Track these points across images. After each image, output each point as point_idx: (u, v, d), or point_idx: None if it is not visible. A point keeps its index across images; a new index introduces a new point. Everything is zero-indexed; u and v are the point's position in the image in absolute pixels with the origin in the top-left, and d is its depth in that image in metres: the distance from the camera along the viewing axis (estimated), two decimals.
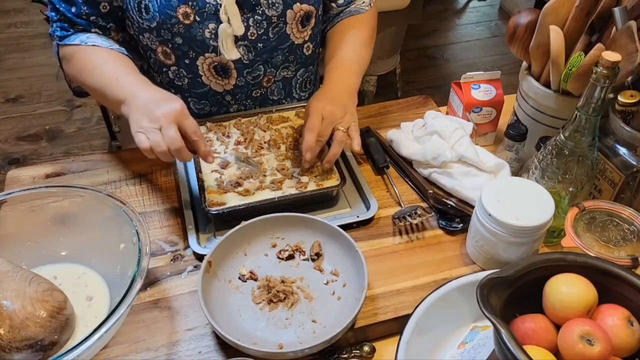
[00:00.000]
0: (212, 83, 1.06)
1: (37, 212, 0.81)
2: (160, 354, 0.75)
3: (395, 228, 0.91)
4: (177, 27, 0.95)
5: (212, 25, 0.96)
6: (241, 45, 1.01)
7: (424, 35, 3.35)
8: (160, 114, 0.80)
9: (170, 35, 0.97)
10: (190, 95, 1.08)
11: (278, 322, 0.77)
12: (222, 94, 1.08)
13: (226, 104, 1.10)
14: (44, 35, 3.18)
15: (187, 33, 0.96)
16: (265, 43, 1.03)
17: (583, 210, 0.81)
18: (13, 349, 0.66)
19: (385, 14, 2.15)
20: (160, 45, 1.00)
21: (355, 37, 1.08)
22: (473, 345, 0.72)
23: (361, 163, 1.04)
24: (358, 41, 1.08)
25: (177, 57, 1.01)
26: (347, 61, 1.04)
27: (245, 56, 1.03)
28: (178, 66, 1.03)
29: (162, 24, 0.94)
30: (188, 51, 1.00)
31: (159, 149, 0.79)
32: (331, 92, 0.98)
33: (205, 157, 0.85)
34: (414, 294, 0.81)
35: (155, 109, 0.81)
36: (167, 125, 0.80)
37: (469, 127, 1.01)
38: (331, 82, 1.00)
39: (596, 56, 0.79)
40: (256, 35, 1.00)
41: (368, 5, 1.13)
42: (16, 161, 2.44)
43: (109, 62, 0.93)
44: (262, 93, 1.11)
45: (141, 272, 0.70)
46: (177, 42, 0.98)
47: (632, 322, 0.61)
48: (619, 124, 0.83)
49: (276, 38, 1.03)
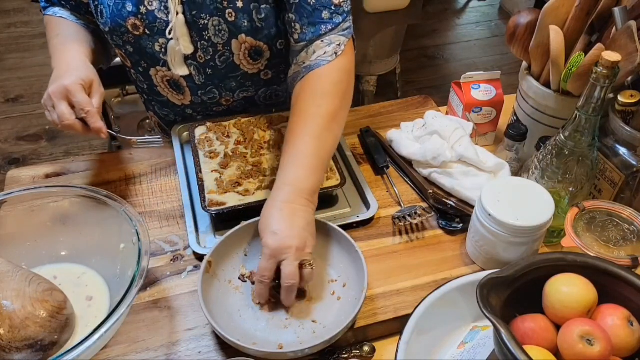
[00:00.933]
0: (169, 95, 1.06)
1: (37, 212, 0.81)
2: (160, 354, 0.75)
3: (395, 228, 0.91)
4: (126, 36, 0.95)
5: (162, 40, 0.95)
6: (192, 64, 0.99)
7: (424, 35, 3.35)
8: (51, 91, 0.83)
9: (121, 42, 0.97)
10: (154, 101, 1.09)
11: (278, 322, 0.77)
12: (182, 107, 1.08)
13: (188, 115, 1.10)
14: (44, 35, 3.17)
15: (138, 44, 0.96)
16: (214, 69, 1.00)
17: (583, 210, 0.81)
18: (13, 349, 0.66)
19: (385, 14, 2.15)
20: (117, 48, 1.00)
21: (318, 118, 0.84)
22: (473, 345, 0.72)
23: (361, 163, 1.04)
24: (321, 122, 0.84)
25: (132, 62, 1.02)
26: (305, 158, 0.81)
27: (197, 77, 1.01)
28: (135, 71, 1.04)
29: (114, 31, 0.95)
30: (140, 60, 1.00)
31: (56, 125, 0.84)
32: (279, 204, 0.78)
33: (98, 133, 0.84)
34: (414, 294, 0.81)
35: (50, 86, 0.84)
36: (57, 102, 0.82)
37: (469, 127, 1.01)
38: (286, 187, 0.79)
39: (596, 56, 0.79)
40: (204, 59, 0.98)
41: (332, 55, 0.88)
42: (16, 161, 2.44)
43: (62, 32, 0.97)
44: (224, 109, 1.09)
45: (141, 272, 0.70)
46: (129, 50, 0.98)
47: (632, 322, 0.61)
48: (619, 124, 0.83)
49: (225, 66, 1.00)
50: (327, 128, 0.84)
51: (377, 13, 2.10)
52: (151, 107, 1.14)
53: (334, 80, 0.88)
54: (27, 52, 3.10)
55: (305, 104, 0.86)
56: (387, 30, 2.27)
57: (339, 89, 0.88)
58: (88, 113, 0.82)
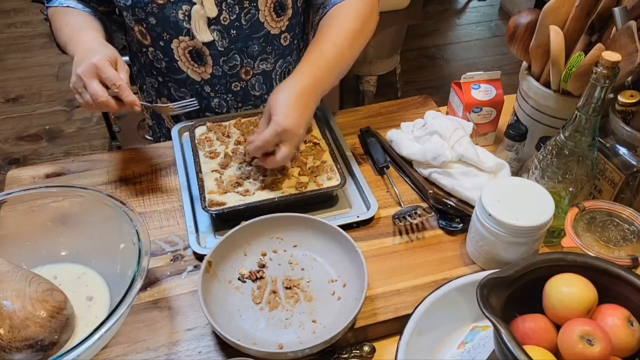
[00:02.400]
0: (189, 70, 1.06)
1: (37, 212, 0.81)
2: (160, 354, 0.75)
3: (395, 228, 0.91)
4: (150, 6, 0.96)
5: (186, 6, 0.97)
6: (215, 30, 1.01)
7: (424, 35, 3.35)
8: (80, 72, 0.84)
9: (144, 15, 0.98)
10: (170, 81, 1.09)
11: (278, 322, 0.77)
12: (201, 84, 1.08)
13: (206, 95, 1.10)
14: (44, 35, 3.18)
15: (161, 13, 0.98)
16: (238, 30, 1.02)
17: (583, 210, 0.81)
18: (13, 349, 0.66)
19: (385, 14, 2.15)
20: (136, 25, 1.01)
21: (340, 30, 0.97)
22: (473, 345, 0.72)
23: (361, 163, 1.04)
24: (342, 34, 0.96)
25: (152, 37, 1.02)
26: (323, 57, 0.93)
27: (219, 42, 1.03)
28: (154, 47, 1.04)
29: (137, 3, 0.96)
30: (162, 32, 1.01)
31: (89, 106, 0.85)
32: (296, 90, 0.88)
33: (132, 106, 0.85)
34: (414, 294, 0.81)
35: (77, 67, 0.85)
36: (88, 81, 0.83)
37: (469, 127, 1.01)
38: (300, 75, 0.90)
39: (596, 56, 0.79)
40: (229, 20, 1.00)
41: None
42: (16, 161, 2.44)
43: (72, 20, 0.98)
44: (242, 87, 1.11)
45: (141, 272, 0.70)
46: (151, 23, 0.99)
47: (632, 322, 0.61)
48: (619, 124, 0.83)
49: (249, 25, 1.03)
50: (347, 43, 0.95)
51: None
52: (165, 92, 1.13)
53: (357, 6, 1.00)
54: (27, 52, 3.10)
55: (327, 25, 0.99)
56: (387, 30, 2.27)
57: (361, 13, 0.99)
58: (120, 87, 0.84)
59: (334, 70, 0.94)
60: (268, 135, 0.85)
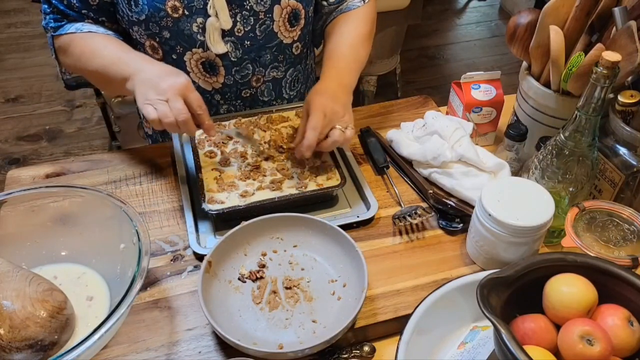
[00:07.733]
0: (201, 80, 1.06)
1: (37, 212, 0.81)
2: (160, 354, 0.75)
3: (395, 228, 0.91)
4: (165, 20, 0.96)
5: (200, 19, 0.97)
6: (229, 41, 1.01)
7: (424, 35, 3.35)
8: (166, 87, 0.83)
9: (158, 29, 0.97)
10: None
11: (278, 322, 0.77)
12: (211, 92, 1.08)
13: (215, 103, 1.10)
14: (44, 35, 3.17)
15: (175, 27, 0.97)
16: (252, 41, 1.03)
17: (583, 210, 0.81)
18: (13, 349, 0.66)
19: (385, 14, 2.15)
20: (148, 39, 1.00)
21: (353, 33, 1.06)
22: (473, 345, 0.72)
23: (361, 163, 1.04)
24: (356, 37, 1.06)
25: (164, 51, 1.02)
26: (344, 59, 1.02)
27: (233, 53, 1.03)
28: (166, 61, 1.03)
29: (151, 17, 0.95)
30: (175, 46, 1.00)
31: (167, 119, 0.82)
32: (330, 88, 0.96)
33: (209, 131, 0.88)
34: (414, 294, 0.81)
35: (161, 81, 0.84)
36: (173, 98, 0.82)
37: (469, 127, 1.01)
38: (329, 79, 0.98)
39: (596, 56, 0.79)
40: (243, 32, 1.01)
41: (361, 2, 1.10)
42: (16, 161, 2.44)
43: (109, 44, 0.96)
44: (251, 93, 1.11)
45: (141, 272, 0.70)
46: (165, 36, 0.99)
47: (632, 322, 0.61)
48: (619, 124, 0.83)
49: (263, 36, 1.03)
50: (361, 45, 1.06)
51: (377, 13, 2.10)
52: None
53: (365, 11, 1.10)
54: (27, 52, 3.10)
55: (339, 29, 1.08)
56: (387, 30, 2.27)
57: (368, 17, 1.10)
58: (204, 111, 0.85)
59: (354, 71, 1.02)
60: (320, 121, 0.87)
